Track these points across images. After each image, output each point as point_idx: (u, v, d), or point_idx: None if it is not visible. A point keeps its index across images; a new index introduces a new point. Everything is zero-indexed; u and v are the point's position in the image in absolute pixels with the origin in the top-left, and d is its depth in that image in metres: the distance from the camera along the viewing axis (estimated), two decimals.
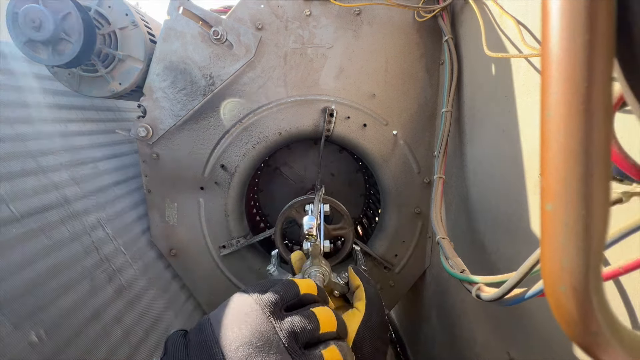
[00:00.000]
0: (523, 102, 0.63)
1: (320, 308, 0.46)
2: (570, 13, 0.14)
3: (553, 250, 0.16)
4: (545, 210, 0.16)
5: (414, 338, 1.34)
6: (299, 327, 0.42)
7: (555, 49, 0.15)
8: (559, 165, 0.15)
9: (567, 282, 0.16)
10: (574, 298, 0.16)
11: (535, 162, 0.60)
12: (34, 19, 0.77)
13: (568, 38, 0.14)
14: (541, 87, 0.16)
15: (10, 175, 0.72)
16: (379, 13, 0.94)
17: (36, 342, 0.62)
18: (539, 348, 0.59)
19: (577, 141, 0.15)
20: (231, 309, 0.43)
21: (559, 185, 0.15)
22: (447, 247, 0.66)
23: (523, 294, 0.37)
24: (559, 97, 0.15)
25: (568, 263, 0.16)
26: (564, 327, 0.18)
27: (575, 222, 0.15)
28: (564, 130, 0.15)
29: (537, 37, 0.59)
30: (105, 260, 0.86)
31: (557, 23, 0.14)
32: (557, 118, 0.15)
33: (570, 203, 0.15)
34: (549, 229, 0.16)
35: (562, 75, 0.15)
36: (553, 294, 0.17)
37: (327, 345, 0.44)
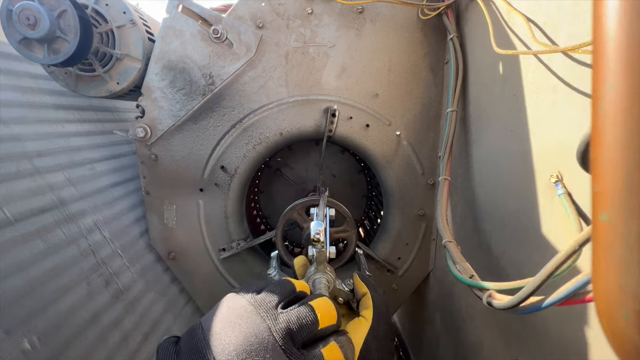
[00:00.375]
0: (533, 101, 0.61)
1: (318, 299, 0.44)
2: (630, 1, 0.12)
3: (610, 268, 0.14)
4: (599, 221, 0.14)
5: (417, 342, 1.32)
6: (296, 325, 0.40)
7: (614, 37, 0.13)
8: (619, 167, 0.13)
9: (630, 306, 0.14)
10: (637, 325, 0.14)
11: (546, 162, 0.58)
12: (29, 16, 0.75)
13: (630, 21, 0.12)
14: (593, 79, 0.14)
15: (5, 177, 0.70)
16: (382, 11, 0.93)
17: (29, 350, 0.60)
18: (549, 355, 0.57)
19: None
20: (224, 311, 0.42)
21: (619, 191, 0.13)
22: (454, 251, 0.64)
23: (540, 303, 0.35)
24: (619, 88, 0.13)
25: (630, 283, 0.14)
26: (622, 357, 0.15)
27: (639, 236, 0.13)
28: (625, 127, 0.13)
29: (548, 33, 0.57)
30: (102, 263, 0.84)
31: (615, 11, 0.12)
32: (616, 113, 0.13)
33: (632, 213, 0.13)
34: (604, 243, 0.14)
35: (622, 63, 0.13)
36: (609, 319, 0.15)
37: (327, 342, 0.42)
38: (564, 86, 0.53)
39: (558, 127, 0.55)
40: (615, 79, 0.13)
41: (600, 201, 0.14)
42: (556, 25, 0.55)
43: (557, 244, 0.54)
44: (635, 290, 0.14)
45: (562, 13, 0.54)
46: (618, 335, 0.15)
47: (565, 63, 0.53)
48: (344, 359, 0.41)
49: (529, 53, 0.57)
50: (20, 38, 0.78)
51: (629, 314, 0.14)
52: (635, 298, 0.14)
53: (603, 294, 0.15)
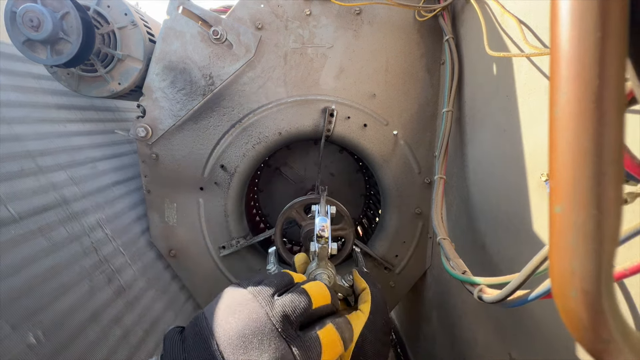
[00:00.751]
0: (525, 102, 0.63)
1: (310, 283, 0.47)
2: (581, 10, 0.14)
3: (562, 252, 0.16)
4: (554, 212, 0.16)
5: (414, 338, 1.33)
6: (290, 307, 0.42)
7: (566, 46, 0.14)
8: (569, 165, 0.15)
9: (578, 286, 0.16)
10: (584, 303, 0.16)
11: (537, 161, 0.59)
12: (32, 18, 0.76)
13: (579, 36, 0.14)
14: (550, 84, 0.15)
15: (9, 176, 0.71)
16: (379, 12, 0.94)
17: (34, 344, 0.61)
18: (541, 349, 0.59)
19: (589, 140, 0.14)
20: (225, 300, 0.44)
21: (569, 186, 0.15)
22: (448, 248, 0.65)
23: (527, 296, 0.37)
24: (570, 95, 0.14)
25: (579, 266, 0.15)
26: (574, 333, 0.17)
27: (586, 223, 0.15)
28: (574, 129, 0.14)
29: (540, 36, 0.58)
30: (105, 261, 0.86)
31: (567, 20, 0.14)
32: (568, 116, 0.15)
33: (582, 203, 0.15)
34: (557, 231, 0.16)
35: (573, 72, 0.14)
36: (562, 299, 0.17)
37: (324, 324, 0.44)
38: None
39: (548, 127, 0.56)
40: (566, 87, 0.15)
41: (554, 194, 0.16)
42: (547, 28, 0.57)
43: (547, 240, 0.56)
44: (582, 272, 0.15)
45: None
46: (569, 312, 0.17)
47: None
48: (340, 339, 0.43)
49: (520, 55, 0.59)
50: (24, 39, 0.79)
51: (577, 293, 0.16)
52: (582, 279, 0.16)
53: (557, 276, 0.17)
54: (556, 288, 0.17)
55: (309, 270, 0.64)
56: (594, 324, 0.16)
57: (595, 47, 0.14)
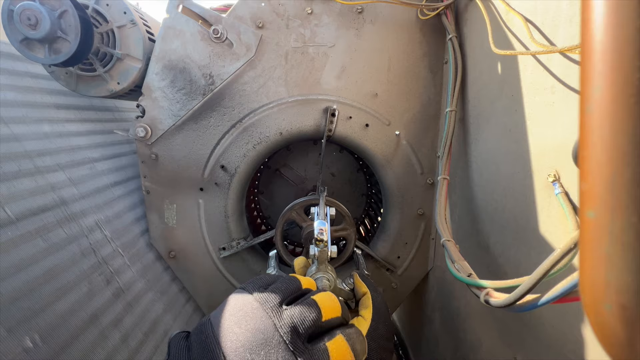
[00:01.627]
0: (531, 101, 0.62)
1: (321, 294, 0.45)
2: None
3: (596, 262, 0.15)
4: (586, 218, 0.15)
5: (416, 341, 1.32)
6: (299, 319, 0.41)
7: (601, 35, 0.13)
8: (604, 166, 0.14)
9: (614, 299, 0.14)
10: (621, 318, 0.14)
11: (544, 161, 0.58)
12: (30, 16, 0.75)
13: (617, 24, 0.13)
14: (581, 79, 0.14)
15: (6, 177, 0.70)
16: (381, 11, 0.93)
17: (31, 348, 0.60)
18: (548, 353, 0.58)
19: (627, 139, 0.13)
20: (231, 308, 0.43)
21: (605, 189, 0.14)
22: (452, 250, 0.64)
23: (536, 300, 0.36)
24: (605, 90, 0.13)
25: (614, 278, 0.14)
26: (608, 349, 0.16)
27: (624, 230, 0.14)
28: (610, 127, 0.13)
29: (546, 34, 0.57)
30: (103, 262, 0.85)
31: (602, 7, 0.13)
32: (602, 113, 0.13)
33: (619, 209, 0.14)
34: (590, 239, 0.15)
35: (609, 65, 0.13)
36: (595, 312, 0.15)
37: (333, 335, 0.42)
38: (561, 86, 0.54)
39: (555, 127, 0.55)
40: (601, 81, 0.13)
41: (587, 198, 0.15)
42: (554, 25, 0.56)
43: (555, 242, 0.55)
44: (618, 283, 0.14)
45: (560, 13, 0.54)
46: (603, 327, 0.15)
47: (563, 63, 0.53)
48: (350, 351, 0.42)
49: (527, 53, 0.58)
50: (22, 38, 0.78)
51: (613, 306, 0.15)
52: (618, 291, 0.14)
53: (589, 287, 0.15)
54: (588, 300, 0.16)
55: (309, 273, 0.62)
56: (632, 340, 0.15)
57: (636, 36, 0.12)
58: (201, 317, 1.15)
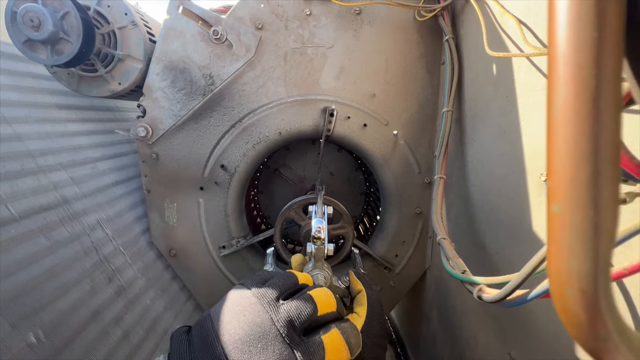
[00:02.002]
0: (524, 102, 0.63)
1: (317, 289, 0.46)
2: (578, 10, 0.14)
3: (560, 252, 0.16)
4: (552, 211, 0.16)
5: (414, 338, 1.33)
6: (295, 313, 0.42)
7: (563, 46, 0.14)
8: (567, 165, 0.15)
9: (575, 285, 0.16)
10: (582, 302, 0.16)
11: (537, 162, 0.59)
12: (32, 18, 0.77)
13: (576, 35, 0.14)
14: (547, 85, 0.16)
15: (9, 175, 0.71)
16: (379, 12, 0.94)
17: (34, 343, 0.61)
18: (541, 349, 0.59)
19: (585, 140, 0.14)
20: (230, 303, 0.44)
21: (567, 185, 0.15)
22: (448, 248, 0.65)
23: (526, 295, 0.37)
24: (567, 96, 0.14)
25: (576, 265, 0.15)
26: (572, 332, 0.17)
27: (583, 223, 0.15)
28: (571, 130, 0.15)
29: (539, 36, 0.59)
30: (105, 260, 0.86)
31: (564, 20, 0.14)
32: (565, 117, 0.15)
33: (578, 203, 0.15)
34: (555, 231, 0.16)
35: (570, 72, 0.14)
36: (560, 297, 0.17)
37: (328, 329, 0.43)
38: None
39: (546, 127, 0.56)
40: (563, 86, 0.15)
41: (553, 194, 0.16)
42: (546, 27, 0.57)
43: (546, 240, 0.56)
44: (579, 271, 0.16)
45: None
46: (566, 311, 0.17)
47: None
48: (345, 344, 0.43)
49: (520, 56, 0.59)
50: (24, 39, 0.79)
51: (575, 292, 0.16)
52: (579, 278, 0.16)
53: (555, 275, 0.17)
54: (554, 287, 0.17)
55: (305, 271, 0.64)
56: (591, 322, 0.16)
57: (592, 47, 0.14)
58: None
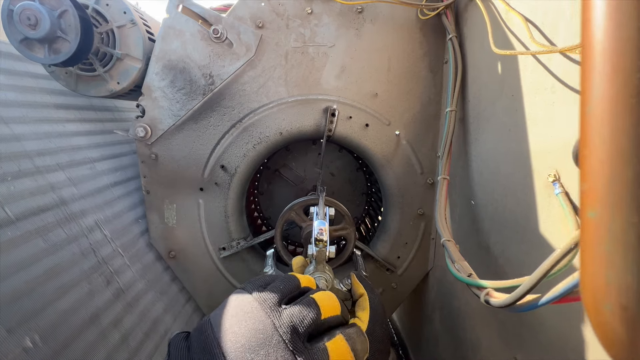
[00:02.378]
0: (531, 101, 0.62)
1: (320, 292, 0.45)
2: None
3: (596, 262, 0.15)
4: (587, 218, 0.15)
5: (416, 340, 1.32)
6: (298, 318, 0.41)
7: (601, 36, 0.13)
8: (605, 166, 0.14)
9: (614, 300, 0.14)
10: (622, 318, 0.14)
11: (544, 161, 0.58)
12: (29, 16, 0.75)
13: (617, 24, 0.13)
14: (581, 79, 0.14)
15: (6, 176, 0.70)
16: (381, 11, 0.93)
17: (30, 348, 0.60)
18: (548, 354, 0.58)
19: (627, 138, 0.13)
20: (231, 308, 0.43)
21: (605, 188, 0.14)
22: (452, 250, 0.64)
23: (537, 300, 0.36)
24: (605, 90, 0.13)
25: (615, 278, 0.14)
26: (608, 349, 0.16)
27: (624, 230, 0.14)
28: (611, 127, 0.13)
29: (546, 33, 0.57)
30: (103, 262, 0.85)
31: (603, 7, 0.13)
32: (603, 113, 0.13)
33: (619, 209, 0.14)
34: (590, 239, 0.15)
35: (609, 65, 0.13)
36: (596, 312, 0.15)
37: (333, 335, 0.42)
38: (562, 86, 0.54)
39: (556, 127, 0.55)
40: (601, 81, 0.13)
41: (587, 198, 0.15)
42: (554, 25, 0.56)
43: (555, 242, 0.55)
44: (619, 284, 0.14)
45: (560, 13, 0.54)
46: (603, 327, 0.15)
47: (563, 63, 0.53)
48: (350, 351, 0.42)
49: (527, 53, 0.57)
50: (21, 38, 0.78)
51: (614, 306, 0.15)
52: (619, 291, 0.14)
53: (590, 287, 0.15)
54: (588, 300, 0.16)
55: (307, 273, 0.62)
56: (632, 340, 0.14)
57: (636, 36, 0.12)
58: (201, 317, 1.15)
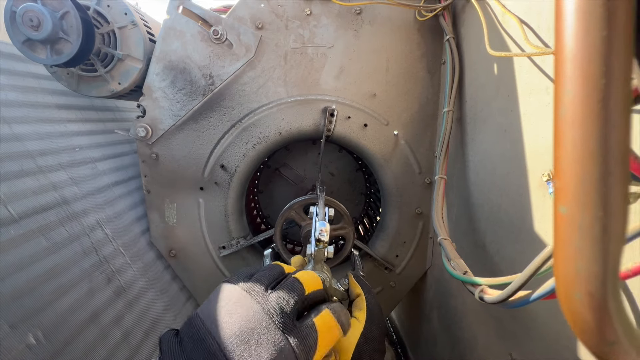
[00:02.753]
0: (526, 101, 0.63)
1: (301, 272, 0.47)
2: (587, 8, 0.13)
3: (567, 254, 0.16)
4: (559, 213, 0.16)
5: (414, 339, 1.33)
6: (285, 299, 0.42)
7: (571, 44, 0.14)
8: (575, 165, 0.15)
9: (583, 288, 0.15)
10: (590, 305, 0.15)
11: (539, 161, 0.59)
12: (32, 18, 0.76)
13: (584, 34, 0.14)
14: (555, 84, 0.15)
15: (8, 176, 0.71)
16: (380, 12, 0.94)
17: (34, 344, 0.61)
18: (542, 350, 0.59)
19: (595, 140, 0.14)
20: (219, 299, 0.44)
21: (575, 186, 0.15)
22: (449, 248, 0.65)
23: (528, 296, 0.37)
24: (575, 94, 0.14)
25: (584, 268, 0.15)
26: (579, 336, 0.17)
27: (592, 225, 0.15)
28: (580, 129, 0.14)
29: (541, 35, 0.58)
30: (105, 261, 0.86)
31: (573, 18, 0.14)
32: (573, 116, 0.14)
33: (587, 205, 0.15)
34: (562, 232, 0.16)
35: (578, 71, 0.14)
36: (567, 300, 0.16)
37: (319, 310, 0.44)
38: None
39: (550, 128, 0.56)
40: (571, 86, 0.14)
41: (560, 195, 0.16)
42: (548, 27, 0.57)
43: (549, 240, 0.56)
44: (587, 273, 0.15)
45: (554, 15, 0.55)
46: (574, 314, 0.16)
47: None
48: (337, 323, 0.44)
49: (522, 55, 0.58)
50: (24, 39, 0.79)
51: (582, 294, 0.16)
52: (587, 281, 0.15)
53: (562, 278, 0.16)
54: (561, 289, 0.17)
55: None
56: (600, 326, 0.15)
57: (601, 45, 0.13)
58: None
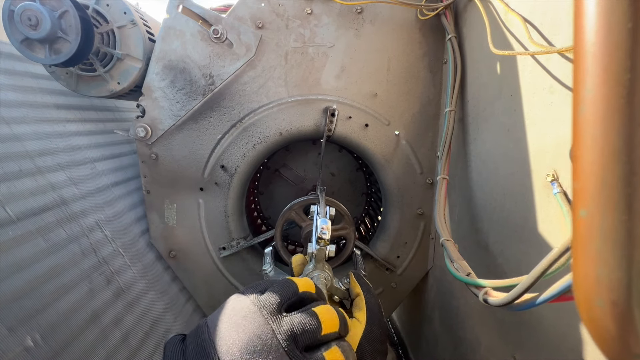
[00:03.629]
0: (529, 101, 0.62)
1: (322, 307, 0.45)
2: (610, 0, 0.13)
3: (587, 259, 0.15)
4: (578, 216, 0.15)
5: (415, 340, 1.32)
6: (299, 328, 0.40)
7: (592, 38, 0.13)
8: (596, 165, 0.14)
9: (605, 295, 0.15)
10: (613, 314, 0.15)
11: (542, 161, 0.58)
12: (30, 17, 0.76)
13: (607, 26, 0.13)
14: (574, 81, 0.14)
15: (7, 176, 0.70)
16: (381, 11, 0.93)
17: (32, 347, 0.60)
18: (546, 352, 0.58)
19: (619, 139, 0.13)
20: (228, 312, 0.42)
21: (596, 188, 0.14)
22: (451, 250, 0.64)
23: (534, 299, 0.36)
24: (597, 91, 0.13)
25: (606, 274, 0.14)
26: (600, 346, 0.16)
27: (615, 228, 0.14)
28: (602, 127, 0.13)
29: (545, 34, 0.58)
30: (104, 262, 0.85)
31: (594, 11, 0.13)
32: (594, 114, 0.14)
33: (609, 207, 0.14)
34: (582, 237, 0.15)
35: (601, 67, 0.13)
36: (587, 308, 0.16)
37: (329, 346, 0.42)
38: (560, 86, 0.54)
39: (554, 127, 0.55)
40: (593, 82, 0.14)
41: (579, 197, 0.15)
42: (553, 26, 0.56)
43: (553, 242, 0.55)
44: (609, 280, 0.15)
45: (559, 14, 0.54)
46: (595, 323, 0.16)
47: (561, 64, 0.54)
48: None
49: (526, 54, 0.58)
50: (22, 38, 0.78)
51: (604, 302, 0.15)
52: (609, 288, 0.15)
53: (581, 284, 0.16)
54: (580, 297, 0.16)
55: (306, 271, 0.63)
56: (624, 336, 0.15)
57: (626, 38, 0.13)
58: (201, 317, 1.15)
